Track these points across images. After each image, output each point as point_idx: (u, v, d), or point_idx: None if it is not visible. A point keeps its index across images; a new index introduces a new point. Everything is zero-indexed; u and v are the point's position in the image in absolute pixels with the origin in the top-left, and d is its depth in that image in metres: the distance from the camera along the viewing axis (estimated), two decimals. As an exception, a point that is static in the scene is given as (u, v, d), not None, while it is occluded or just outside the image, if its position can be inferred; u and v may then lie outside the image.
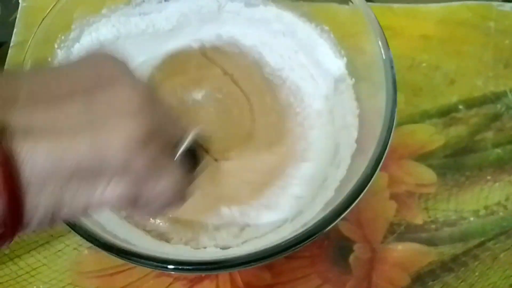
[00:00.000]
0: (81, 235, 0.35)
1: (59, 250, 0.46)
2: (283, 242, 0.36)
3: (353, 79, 0.47)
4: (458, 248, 0.46)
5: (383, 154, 0.39)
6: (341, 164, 0.44)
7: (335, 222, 0.37)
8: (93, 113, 0.26)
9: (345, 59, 0.48)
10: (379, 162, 0.39)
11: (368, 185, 0.38)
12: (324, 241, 0.46)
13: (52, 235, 0.47)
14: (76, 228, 0.35)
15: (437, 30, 0.55)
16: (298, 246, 0.36)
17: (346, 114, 0.47)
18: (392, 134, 0.40)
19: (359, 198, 0.38)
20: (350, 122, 0.46)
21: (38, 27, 0.45)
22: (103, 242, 0.34)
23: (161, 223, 0.43)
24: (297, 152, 0.47)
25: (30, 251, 0.47)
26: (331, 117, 0.48)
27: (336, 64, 0.49)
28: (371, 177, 0.38)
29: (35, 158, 0.24)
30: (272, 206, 0.44)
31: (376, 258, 0.46)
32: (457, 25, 0.55)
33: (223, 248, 0.41)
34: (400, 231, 0.47)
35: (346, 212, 0.37)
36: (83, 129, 0.25)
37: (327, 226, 0.37)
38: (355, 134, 0.45)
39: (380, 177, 0.48)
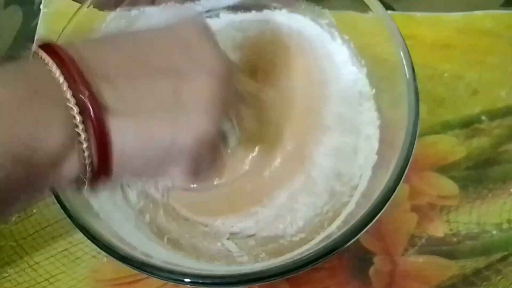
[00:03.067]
0: (100, 247, 0.35)
1: (78, 258, 0.47)
2: (304, 256, 0.35)
3: (374, 89, 0.47)
4: (480, 262, 0.45)
5: (406, 167, 0.39)
6: (362, 176, 0.44)
7: (358, 235, 0.36)
8: (177, 98, 0.29)
9: (365, 69, 0.47)
10: (402, 176, 0.38)
11: (391, 199, 0.38)
12: (344, 253, 0.46)
13: (71, 242, 0.47)
14: (95, 240, 0.35)
15: (459, 39, 0.54)
16: (319, 261, 0.35)
17: (367, 125, 0.46)
18: (414, 146, 0.39)
19: (381, 212, 0.37)
20: (370, 133, 0.45)
21: (61, 33, 0.45)
22: (122, 255, 0.34)
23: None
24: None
25: (49, 257, 0.47)
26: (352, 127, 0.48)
27: (356, 74, 0.48)
28: (394, 190, 0.38)
29: (124, 137, 0.28)
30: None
31: (397, 271, 0.45)
32: (480, 34, 0.54)
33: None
34: (421, 244, 0.46)
35: (368, 226, 0.37)
36: (165, 115, 0.28)
37: (350, 240, 0.36)
38: (376, 146, 0.44)
39: (401, 188, 0.46)
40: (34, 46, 0.54)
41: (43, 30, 0.57)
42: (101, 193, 0.40)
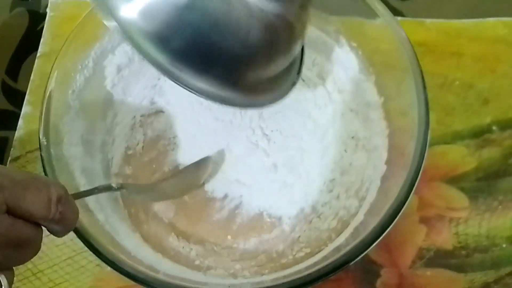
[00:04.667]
0: (104, 261, 0.34)
1: (82, 266, 0.46)
2: (312, 272, 0.35)
3: (382, 98, 0.46)
4: (489, 275, 0.44)
5: (416, 179, 0.38)
6: (371, 186, 0.43)
7: (368, 249, 0.36)
8: None
9: (373, 76, 0.47)
10: (412, 188, 0.38)
11: (401, 211, 0.37)
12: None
13: (75, 251, 0.46)
14: (99, 254, 0.34)
15: (471, 47, 0.53)
16: (328, 276, 0.35)
17: (375, 134, 0.45)
18: (424, 159, 0.39)
19: (392, 225, 0.37)
20: (379, 142, 0.45)
21: (68, 37, 0.44)
22: (127, 270, 0.34)
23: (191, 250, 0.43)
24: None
25: (53, 266, 0.46)
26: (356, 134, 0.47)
27: (364, 82, 0.47)
28: (404, 203, 0.38)
29: None
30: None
31: (404, 284, 0.44)
32: (492, 42, 0.54)
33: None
34: (429, 256, 0.45)
35: (379, 239, 0.36)
36: None
37: (360, 254, 0.36)
38: (384, 155, 0.44)
39: (410, 199, 0.47)
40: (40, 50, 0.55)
41: (48, 33, 0.57)
42: (106, 206, 0.40)
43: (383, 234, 0.36)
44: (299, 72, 0.42)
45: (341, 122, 0.48)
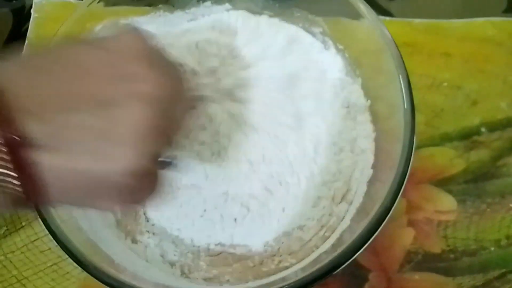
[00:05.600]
0: (89, 272, 0.34)
1: (67, 272, 0.46)
2: (300, 278, 0.35)
3: (369, 101, 0.45)
4: (477, 279, 0.44)
5: (403, 183, 0.38)
6: (358, 191, 0.43)
7: (354, 256, 0.35)
8: (106, 130, 0.27)
9: (360, 79, 0.46)
10: (398, 193, 0.37)
11: (387, 217, 0.37)
12: (338, 270, 0.45)
13: (60, 257, 0.46)
14: (83, 265, 0.34)
15: (459, 48, 0.53)
16: (316, 282, 0.35)
17: (362, 138, 0.45)
18: (411, 162, 0.38)
19: (379, 230, 0.36)
20: (365, 146, 0.44)
21: (52, 39, 0.43)
22: (107, 282, 0.33)
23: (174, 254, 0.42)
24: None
25: (38, 272, 0.46)
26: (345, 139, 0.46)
27: (350, 85, 0.47)
28: (390, 209, 0.37)
29: (52, 170, 0.27)
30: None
31: (392, 288, 0.44)
32: (481, 43, 0.53)
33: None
34: (418, 260, 0.45)
35: (365, 246, 0.36)
36: (92, 149, 0.27)
37: (346, 261, 0.35)
38: (371, 159, 0.43)
39: (397, 202, 0.46)
40: (24, 51, 0.54)
41: (33, 35, 0.56)
42: (91, 213, 0.39)
43: (370, 240, 0.36)
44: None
45: (334, 128, 0.47)
